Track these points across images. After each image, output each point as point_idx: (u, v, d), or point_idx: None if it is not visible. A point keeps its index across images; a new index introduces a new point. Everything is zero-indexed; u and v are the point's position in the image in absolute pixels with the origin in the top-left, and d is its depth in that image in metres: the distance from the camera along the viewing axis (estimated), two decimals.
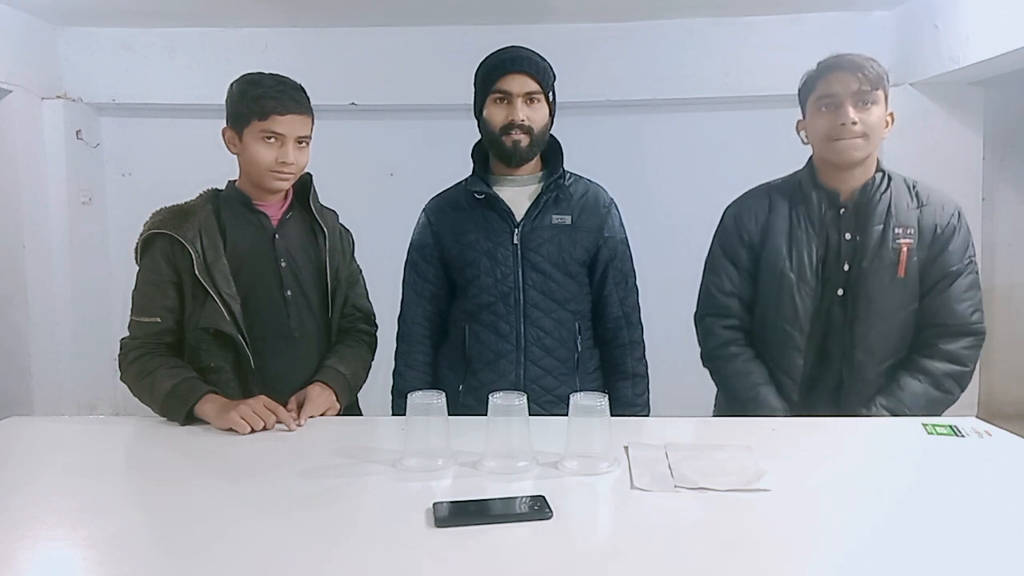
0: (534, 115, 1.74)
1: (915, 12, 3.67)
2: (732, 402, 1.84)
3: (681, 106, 4.04)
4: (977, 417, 1.60)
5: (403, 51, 4.01)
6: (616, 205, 1.89)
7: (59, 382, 3.98)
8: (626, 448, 1.37)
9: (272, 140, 1.63)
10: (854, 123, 1.65)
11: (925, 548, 1.03)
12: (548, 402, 1.77)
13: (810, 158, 1.81)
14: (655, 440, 1.42)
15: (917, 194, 1.75)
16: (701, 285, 1.90)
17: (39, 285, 3.91)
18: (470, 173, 1.86)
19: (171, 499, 1.22)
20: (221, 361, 1.65)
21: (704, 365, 1.90)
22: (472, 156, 1.87)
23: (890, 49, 3.84)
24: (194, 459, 1.43)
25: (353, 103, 4.04)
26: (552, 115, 1.79)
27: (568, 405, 1.31)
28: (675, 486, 1.21)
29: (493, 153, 1.80)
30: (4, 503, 1.20)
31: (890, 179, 1.75)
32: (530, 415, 1.31)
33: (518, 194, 1.81)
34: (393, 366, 1.90)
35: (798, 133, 1.80)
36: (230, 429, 1.50)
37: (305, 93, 1.68)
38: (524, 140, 1.73)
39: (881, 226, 1.70)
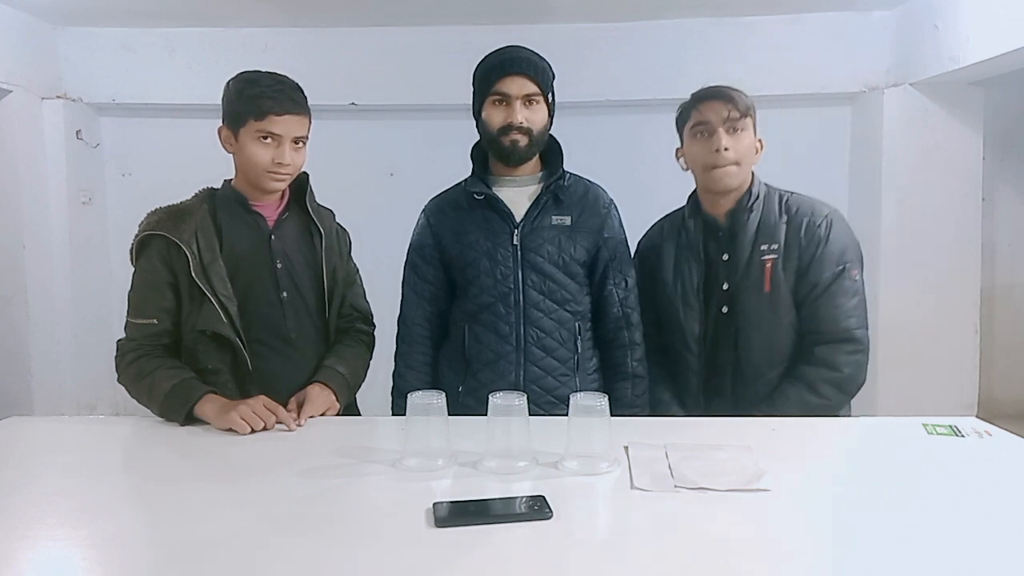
0: (533, 116, 1.74)
1: (915, 12, 3.67)
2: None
3: None
4: (977, 417, 1.60)
5: (403, 51, 4.01)
6: (616, 205, 1.89)
7: (59, 382, 3.98)
8: (626, 448, 1.37)
9: (269, 140, 1.62)
10: (726, 149, 1.74)
11: (925, 548, 1.03)
12: (548, 403, 1.76)
13: (693, 191, 1.92)
14: (655, 440, 1.42)
15: (787, 207, 1.81)
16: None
17: (39, 285, 3.91)
18: (470, 174, 1.86)
19: (171, 499, 1.22)
20: (219, 363, 1.65)
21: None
22: (471, 157, 1.86)
23: (890, 49, 3.85)
24: (194, 459, 1.43)
25: (353, 103, 4.04)
26: (551, 115, 1.79)
27: (568, 406, 1.31)
28: (675, 486, 1.21)
29: (492, 153, 1.80)
30: (4, 503, 1.20)
31: (759, 197, 1.81)
32: (530, 416, 1.31)
33: (518, 194, 1.80)
34: (393, 367, 1.90)
35: (677, 160, 1.90)
36: (230, 429, 1.50)
37: (303, 93, 1.67)
38: (523, 141, 1.73)
39: (751, 244, 1.79)
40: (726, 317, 1.80)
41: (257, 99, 1.60)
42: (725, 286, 1.80)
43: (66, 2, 3.66)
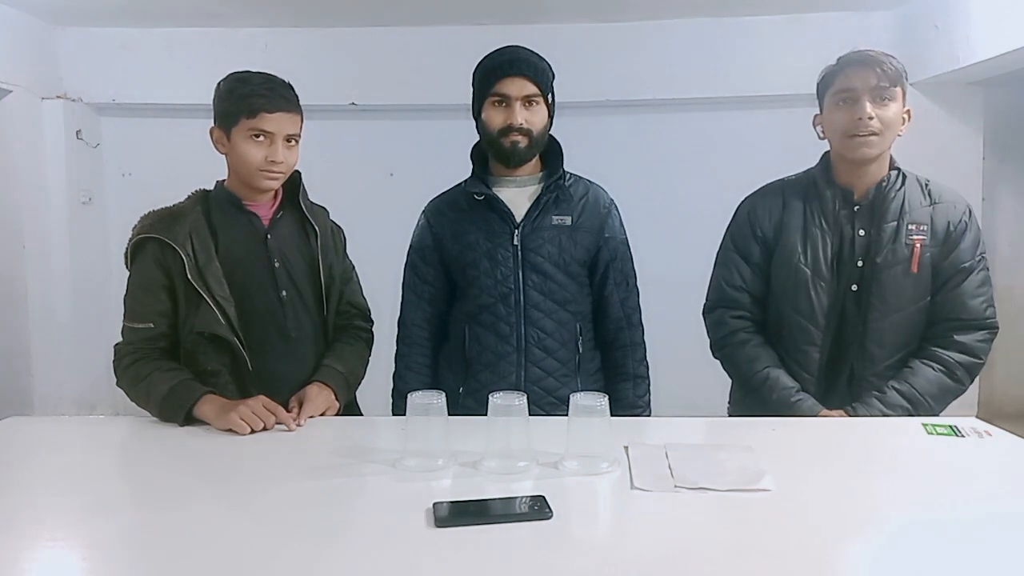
0: (533, 118, 1.73)
1: (915, 12, 3.67)
2: (745, 388, 1.87)
3: (682, 106, 4.04)
4: (977, 417, 1.60)
5: (403, 51, 4.01)
6: (616, 206, 1.88)
7: (59, 382, 3.98)
8: (626, 448, 1.37)
9: (261, 139, 1.61)
10: (871, 118, 1.67)
11: (925, 548, 1.03)
12: (549, 404, 1.76)
13: (825, 154, 1.83)
14: (655, 440, 1.42)
15: (930, 192, 1.78)
16: (711, 278, 1.93)
17: (39, 285, 3.91)
18: (470, 174, 1.86)
19: (171, 499, 1.22)
20: (218, 364, 1.64)
21: (714, 356, 1.92)
22: (471, 157, 1.86)
23: (890, 49, 3.77)
24: (194, 459, 1.43)
25: (353, 103, 4.04)
26: (551, 116, 1.78)
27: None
28: (675, 486, 1.21)
29: (492, 155, 1.80)
30: (4, 503, 1.20)
31: (904, 177, 1.77)
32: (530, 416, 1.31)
33: (518, 195, 1.80)
34: (393, 369, 1.90)
35: (815, 128, 1.83)
36: (230, 430, 1.50)
37: (294, 91, 1.67)
38: (523, 142, 1.73)
39: (895, 223, 1.73)
40: (856, 295, 1.74)
41: (248, 97, 1.60)
42: (860, 263, 1.74)
43: (66, 2, 3.66)
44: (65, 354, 4.00)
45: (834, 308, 1.76)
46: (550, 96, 1.77)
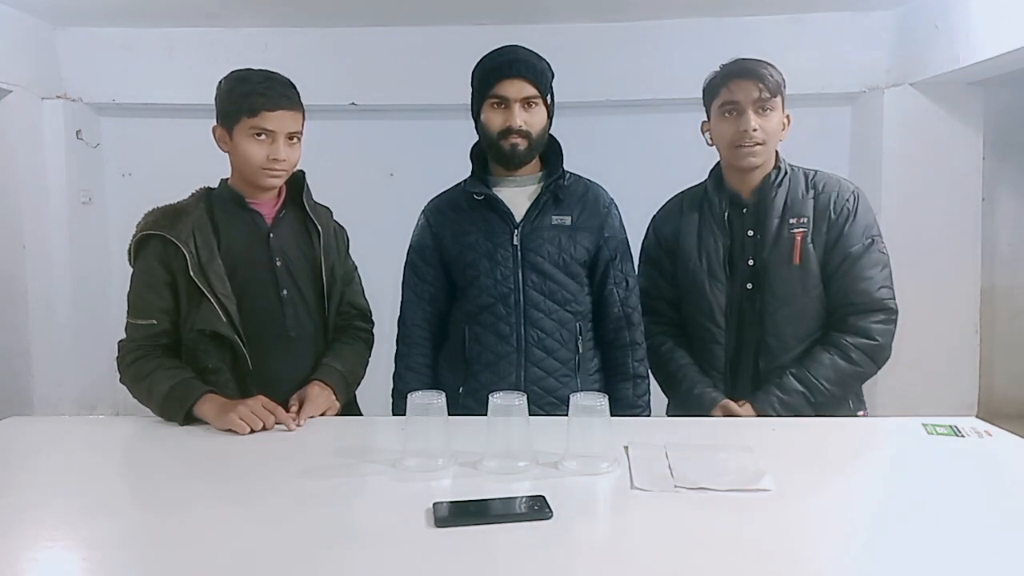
0: (532, 119, 1.73)
1: (915, 12, 3.67)
2: (664, 389, 1.95)
3: (682, 106, 4.01)
4: (977, 417, 1.60)
5: (403, 51, 4.01)
6: (616, 205, 1.88)
7: (59, 382, 3.98)
8: (626, 448, 1.37)
9: (263, 137, 1.61)
10: (755, 130, 1.75)
11: (925, 548, 1.02)
12: (549, 404, 1.76)
13: (716, 164, 1.92)
14: (655, 440, 1.42)
15: (814, 184, 1.83)
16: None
17: (39, 285, 3.92)
18: (469, 174, 1.86)
19: (170, 499, 1.22)
20: (219, 362, 1.64)
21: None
22: (471, 157, 1.86)
23: (890, 49, 3.85)
24: (194, 459, 1.43)
25: (353, 103, 4.04)
26: (551, 116, 1.78)
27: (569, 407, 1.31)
28: (675, 486, 1.21)
29: (492, 157, 1.80)
30: (4, 503, 1.20)
31: (786, 173, 1.83)
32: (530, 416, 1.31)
33: (517, 195, 1.80)
34: (394, 368, 1.90)
35: (703, 134, 1.91)
36: (229, 430, 1.50)
37: (295, 88, 1.67)
38: (522, 144, 1.72)
39: (778, 219, 1.79)
40: (751, 293, 1.81)
41: (249, 96, 1.60)
42: (751, 262, 1.81)
43: (66, 2, 3.66)
44: (65, 354, 4.00)
45: (732, 307, 1.83)
46: (549, 97, 1.77)
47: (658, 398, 1.92)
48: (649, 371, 1.89)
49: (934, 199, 3.78)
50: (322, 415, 1.64)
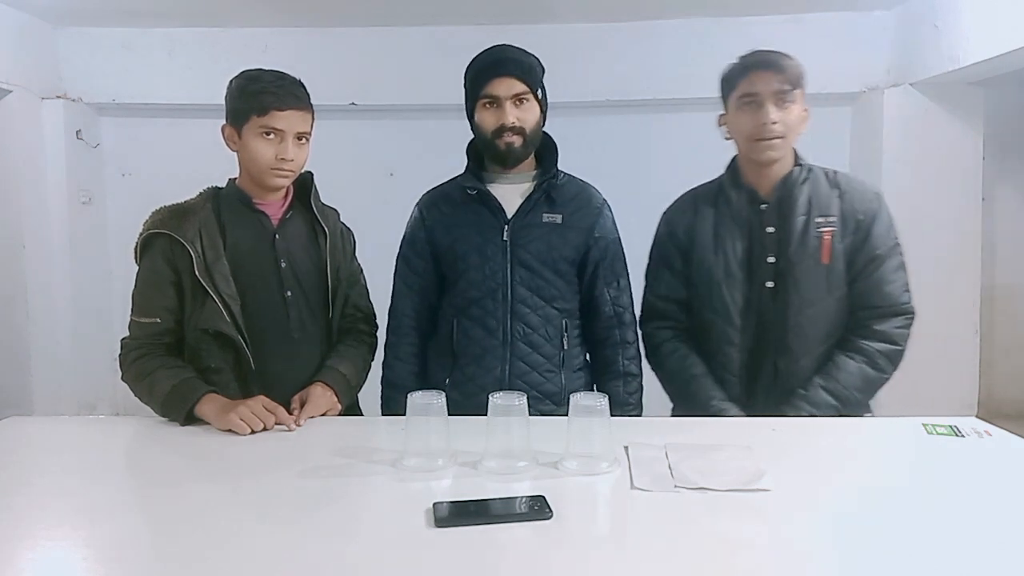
0: (524, 115, 1.74)
1: (915, 12, 3.67)
2: (676, 399, 1.89)
3: (681, 106, 4.04)
4: (977, 417, 1.60)
5: (403, 51, 4.01)
6: (609, 206, 1.89)
7: (59, 382, 3.97)
8: (626, 448, 1.37)
9: (272, 136, 1.62)
10: (775, 122, 1.69)
11: (925, 548, 1.03)
12: (533, 398, 1.75)
13: (733, 158, 1.86)
14: (655, 440, 1.42)
15: (838, 183, 1.79)
16: (643, 293, 1.94)
17: (39, 285, 3.91)
18: (464, 169, 1.86)
19: (171, 500, 1.22)
20: (221, 362, 1.65)
21: (652, 369, 1.93)
22: (467, 152, 1.87)
23: (890, 49, 3.84)
24: (194, 460, 1.43)
25: (353, 103, 4.04)
26: (544, 112, 1.79)
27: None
28: (675, 486, 1.21)
29: (488, 156, 1.81)
30: (4, 503, 1.20)
31: (809, 171, 1.79)
32: None
33: (511, 191, 1.81)
34: (383, 358, 1.90)
35: (719, 127, 1.84)
36: (230, 430, 1.50)
37: (304, 88, 1.68)
38: (517, 141, 1.74)
39: (803, 216, 1.74)
40: (771, 292, 1.75)
41: (259, 95, 1.60)
42: (771, 259, 1.75)
43: (66, 2, 3.66)
44: (65, 354, 3.99)
45: (750, 307, 1.77)
46: (540, 92, 1.78)
47: (662, 400, 1.92)
48: (641, 370, 1.89)
49: (934, 199, 3.78)
50: (323, 416, 1.64)
